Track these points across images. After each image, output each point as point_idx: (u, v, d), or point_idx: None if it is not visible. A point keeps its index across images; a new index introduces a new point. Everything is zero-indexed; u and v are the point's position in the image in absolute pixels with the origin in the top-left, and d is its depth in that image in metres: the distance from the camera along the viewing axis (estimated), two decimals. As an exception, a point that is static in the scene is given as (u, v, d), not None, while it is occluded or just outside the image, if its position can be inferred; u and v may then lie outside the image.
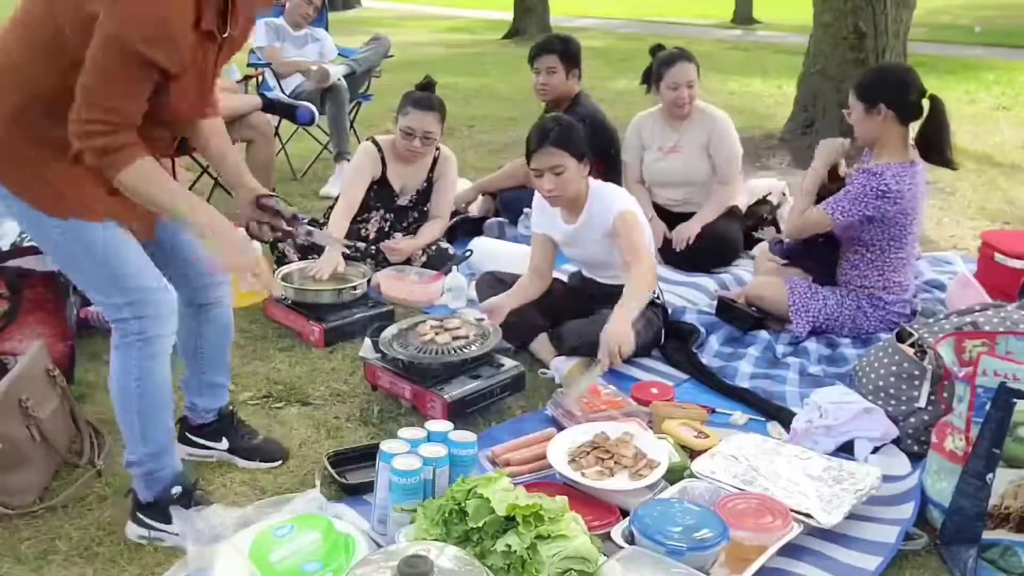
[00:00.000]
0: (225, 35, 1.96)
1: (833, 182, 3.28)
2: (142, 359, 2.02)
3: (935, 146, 3.07)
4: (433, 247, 3.84)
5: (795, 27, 13.06)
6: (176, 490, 2.13)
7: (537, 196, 3.11)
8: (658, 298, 3.15)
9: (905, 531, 2.09)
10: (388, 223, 3.92)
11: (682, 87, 3.91)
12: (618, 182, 4.02)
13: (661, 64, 3.97)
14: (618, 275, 3.09)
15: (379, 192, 3.87)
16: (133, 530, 2.14)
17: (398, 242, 3.80)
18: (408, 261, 3.77)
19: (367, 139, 3.96)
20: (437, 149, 3.91)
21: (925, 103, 3.08)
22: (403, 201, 3.91)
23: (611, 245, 2.99)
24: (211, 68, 2.01)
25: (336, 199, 3.92)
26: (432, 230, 3.89)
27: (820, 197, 3.23)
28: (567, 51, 4.15)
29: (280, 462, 2.47)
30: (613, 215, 2.93)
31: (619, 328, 2.60)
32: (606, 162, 4.07)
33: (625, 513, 2.07)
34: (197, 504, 2.12)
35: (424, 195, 3.95)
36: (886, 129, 3.10)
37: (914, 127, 3.13)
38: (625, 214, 2.93)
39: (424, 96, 3.78)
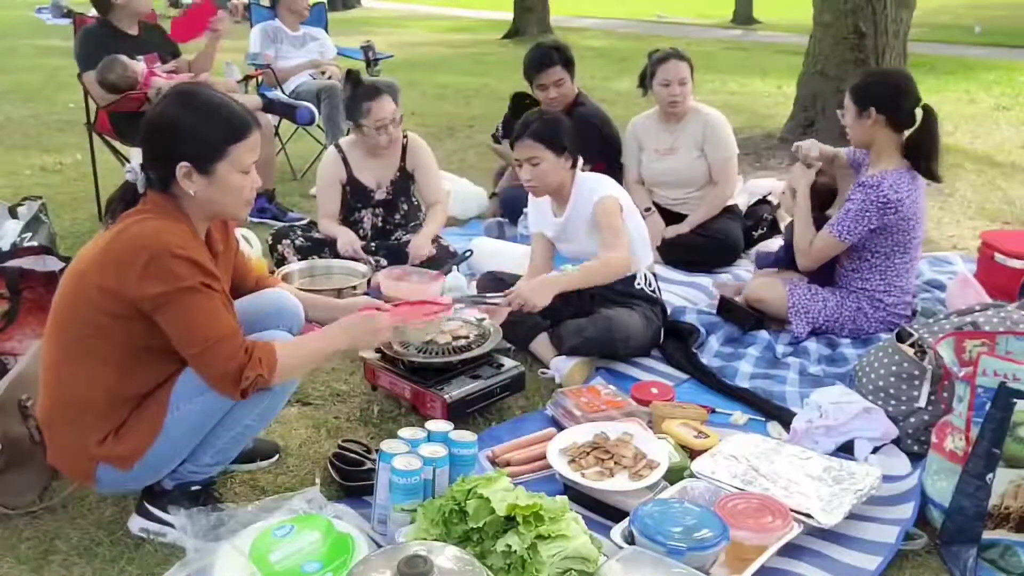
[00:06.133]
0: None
1: (820, 175, 3.30)
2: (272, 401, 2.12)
3: (923, 156, 3.06)
4: (434, 244, 3.81)
5: (795, 27, 13.06)
6: (195, 486, 2.14)
7: (531, 195, 3.14)
8: (653, 290, 3.16)
9: (905, 531, 2.09)
10: (380, 218, 3.90)
11: (674, 84, 3.92)
12: (619, 180, 4.03)
13: (654, 63, 4.00)
14: None
15: (353, 192, 3.83)
16: (136, 523, 2.14)
17: (419, 243, 3.68)
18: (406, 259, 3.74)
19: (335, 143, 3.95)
20: (405, 137, 3.87)
21: (920, 112, 3.06)
22: (381, 195, 3.86)
23: (595, 235, 3.02)
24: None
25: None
26: (437, 216, 3.84)
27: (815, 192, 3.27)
28: (566, 58, 4.16)
29: (277, 456, 2.48)
30: (593, 202, 3.00)
31: (538, 288, 2.79)
32: (608, 161, 4.08)
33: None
34: (207, 503, 2.13)
35: (400, 185, 3.87)
36: (878, 134, 3.10)
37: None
38: (605, 200, 3.00)
39: (369, 87, 3.74)
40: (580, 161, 3.12)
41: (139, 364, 1.99)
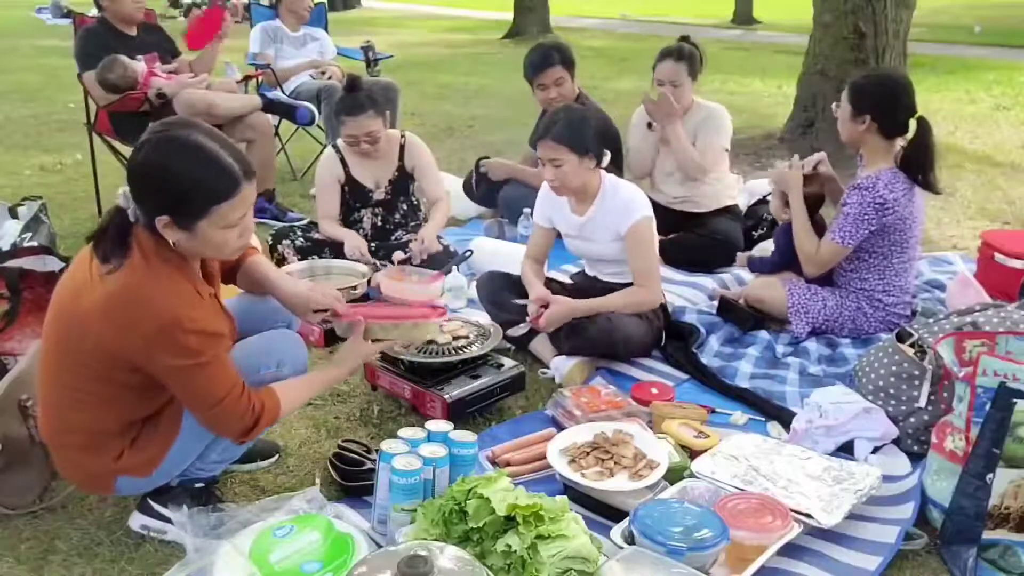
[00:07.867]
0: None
1: (808, 185, 3.28)
2: None
3: (917, 168, 3.05)
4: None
5: (795, 27, 13.06)
6: (199, 484, 2.16)
7: (544, 185, 3.12)
8: None
9: (905, 531, 2.09)
10: (380, 218, 3.90)
11: (665, 85, 3.91)
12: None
13: (656, 59, 4.00)
14: (621, 272, 3.10)
15: (352, 192, 3.82)
16: (137, 520, 2.15)
17: (423, 241, 3.64)
18: (409, 260, 3.73)
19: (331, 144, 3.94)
20: (403, 136, 3.85)
21: (914, 123, 3.05)
22: (379, 195, 3.84)
23: (620, 246, 3.01)
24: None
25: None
26: (440, 213, 3.82)
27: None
28: (566, 57, 4.14)
29: (277, 456, 2.49)
30: (630, 222, 2.97)
31: (562, 308, 2.89)
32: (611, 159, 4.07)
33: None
34: (209, 502, 2.13)
35: (399, 185, 3.85)
36: (869, 139, 3.10)
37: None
38: (640, 224, 2.97)
39: (352, 99, 3.64)
40: (607, 158, 3.04)
41: (144, 398, 2.00)
